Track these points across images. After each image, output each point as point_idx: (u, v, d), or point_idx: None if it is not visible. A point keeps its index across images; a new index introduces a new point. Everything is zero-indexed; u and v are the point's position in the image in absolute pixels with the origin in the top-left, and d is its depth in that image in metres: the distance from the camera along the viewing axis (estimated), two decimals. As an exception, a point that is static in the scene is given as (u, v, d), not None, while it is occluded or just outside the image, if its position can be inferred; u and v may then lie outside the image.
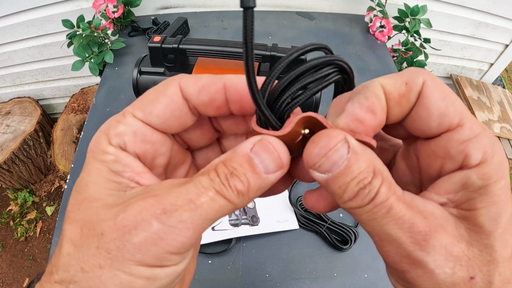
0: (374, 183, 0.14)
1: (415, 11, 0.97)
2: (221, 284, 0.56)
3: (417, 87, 0.15)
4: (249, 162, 0.14)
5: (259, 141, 0.15)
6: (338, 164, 0.14)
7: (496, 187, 0.14)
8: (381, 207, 0.14)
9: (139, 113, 0.16)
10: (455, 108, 0.14)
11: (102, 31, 0.87)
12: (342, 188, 0.14)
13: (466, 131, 0.14)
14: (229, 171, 0.14)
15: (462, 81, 1.45)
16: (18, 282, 1.36)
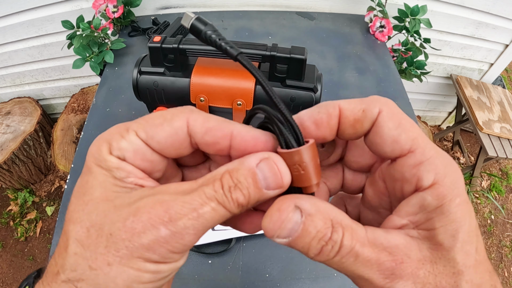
0: (334, 237, 0.15)
1: (415, 11, 0.97)
2: (221, 284, 0.56)
3: (372, 115, 0.17)
4: (254, 176, 0.16)
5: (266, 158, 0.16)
6: (295, 229, 0.15)
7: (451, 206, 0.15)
8: (348, 256, 0.15)
9: (142, 133, 0.17)
10: (407, 135, 0.16)
11: (102, 31, 0.87)
12: (306, 247, 0.15)
13: (417, 156, 0.16)
14: (234, 183, 0.15)
15: (462, 81, 1.45)
16: (18, 282, 1.36)
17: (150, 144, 0.17)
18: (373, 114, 0.17)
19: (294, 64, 0.48)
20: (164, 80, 0.52)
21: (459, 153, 1.82)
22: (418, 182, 0.16)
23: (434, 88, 1.58)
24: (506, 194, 1.73)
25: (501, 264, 1.51)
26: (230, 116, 0.56)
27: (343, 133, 0.18)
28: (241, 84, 0.51)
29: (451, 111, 1.76)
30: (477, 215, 1.64)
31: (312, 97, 0.51)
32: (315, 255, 0.15)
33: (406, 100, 0.84)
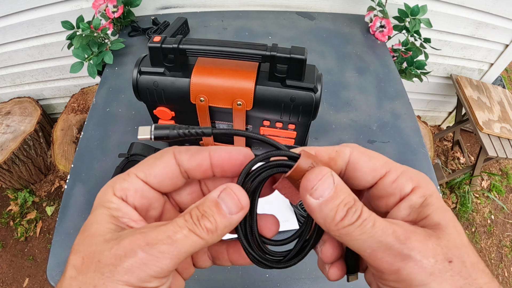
0: (357, 204, 0.18)
1: (415, 11, 0.97)
2: (221, 284, 0.56)
3: (344, 155, 0.21)
4: (217, 205, 0.19)
5: (224, 189, 0.19)
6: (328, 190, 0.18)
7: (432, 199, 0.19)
8: (368, 221, 0.18)
9: (141, 173, 0.20)
10: (380, 162, 0.20)
11: (102, 31, 0.87)
12: (334, 210, 0.18)
13: (393, 174, 0.20)
14: (201, 214, 0.18)
15: (462, 81, 1.45)
16: (18, 282, 1.36)
17: (148, 181, 0.20)
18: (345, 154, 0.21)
19: (294, 64, 0.48)
20: (164, 80, 0.52)
21: (459, 153, 1.82)
22: (401, 191, 0.20)
23: (434, 88, 1.58)
24: (506, 194, 1.73)
25: (501, 264, 1.51)
26: (230, 116, 0.56)
27: None
28: (241, 84, 0.51)
29: (451, 111, 1.76)
30: (477, 215, 1.64)
31: (312, 97, 0.51)
32: (341, 218, 0.18)
33: (406, 100, 0.84)
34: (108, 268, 0.17)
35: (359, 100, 0.83)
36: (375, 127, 0.78)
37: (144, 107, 0.58)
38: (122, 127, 0.75)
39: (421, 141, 0.76)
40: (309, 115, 0.53)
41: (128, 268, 0.17)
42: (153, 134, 0.20)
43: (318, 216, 0.19)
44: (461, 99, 1.43)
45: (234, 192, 0.19)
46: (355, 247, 0.19)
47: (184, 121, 0.60)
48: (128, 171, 0.20)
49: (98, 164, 0.69)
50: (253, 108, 0.53)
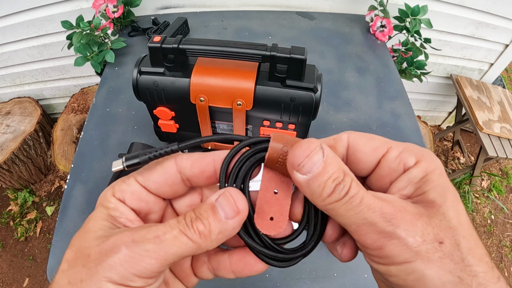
0: (346, 180, 0.18)
1: (416, 11, 0.97)
2: (221, 284, 0.56)
3: (342, 140, 0.20)
4: (213, 209, 0.18)
5: (223, 193, 0.18)
6: (317, 165, 0.17)
7: (434, 174, 0.18)
8: (355, 198, 0.17)
9: (140, 178, 0.20)
10: (380, 141, 0.20)
11: (102, 31, 0.87)
12: (321, 186, 0.18)
13: (395, 150, 0.19)
14: (195, 216, 0.18)
15: (462, 81, 1.45)
16: (18, 282, 1.36)
17: (146, 186, 0.20)
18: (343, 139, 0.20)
19: (294, 64, 0.48)
20: (164, 80, 0.52)
21: (459, 153, 1.82)
22: (405, 165, 0.19)
23: (434, 88, 1.58)
24: (506, 194, 1.73)
25: (501, 264, 1.51)
26: (230, 116, 0.56)
27: None
28: (241, 84, 0.51)
29: (451, 111, 1.76)
30: (477, 215, 1.64)
31: (312, 97, 0.51)
32: (328, 194, 0.18)
33: (406, 100, 0.84)
34: (94, 263, 0.17)
35: (359, 100, 0.83)
36: (375, 127, 0.78)
37: (144, 107, 0.58)
38: (122, 127, 0.75)
39: (421, 141, 0.76)
40: (309, 115, 0.53)
41: (111, 264, 0.16)
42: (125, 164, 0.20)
43: (305, 191, 0.18)
44: (461, 99, 1.43)
45: (232, 195, 0.18)
46: (341, 222, 0.18)
47: (184, 121, 0.60)
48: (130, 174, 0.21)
49: (98, 164, 0.69)
50: (253, 108, 0.53)
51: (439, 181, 0.18)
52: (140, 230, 0.17)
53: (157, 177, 0.20)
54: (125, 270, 0.16)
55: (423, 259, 0.16)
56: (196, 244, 0.17)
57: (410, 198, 0.19)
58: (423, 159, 0.19)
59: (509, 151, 1.33)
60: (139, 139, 0.72)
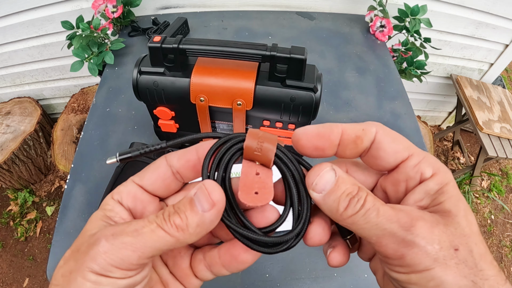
0: (360, 194, 0.19)
1: (415, 11, 0.97)
2: (221, 284, 0.56)
3: (370, 133, 0.21)
4: (191, 202, 0.19)
5: (199, 186, 0.19)
6: (329, 184, 0.19)
7: (449, 187, 0.19)
8: (372, 210, 0.18)
9: (136, 178, 0.22)
10: (403, 145, 0.20)
11: (102, 31, 0.87)
12: (336, 201, 0.19)
13: (415, 158, 0.20)
14: (174, 210, 0.19)
15: (462, 81, 1.45)
16: (18, 282, 1.36)
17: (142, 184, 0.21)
18: (372, 133, 0.21)
19: (294, 64, 0.48)
20: (164, 80, 0.52)
21: (459, 153, 1.82)
22: (422, 175, 0.20)
23: (434, 88, 1.58)
24: (506, 194, 1.73)
25: (501, 264, 1.51)
26: (230, 116, 0.56)
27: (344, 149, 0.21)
28: (241, 84, 0.51)
29: (451, 111, 1.76)
30: (477, 215, 1.64)
31: (312, 97, 0.51)
32: (344, 208, 0.19)
33: (406, 100, 0.84)
34: (81, 256, 0.18)
35: (359, 100, 0.83)
36: (375, 127, 0.78)
37: (144, 107, 0.58)
38: (122, 127, 0.75)
39: (421, 141, 0.76)
40: (309, 115, 0.53)
41: (92, 256, 0.18)
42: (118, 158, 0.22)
43: (324, 208, 0.20)
44: (461, 99, 1.43)
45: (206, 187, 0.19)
46: (362, 235, 0.19)
47: (184, 121, 0.60)
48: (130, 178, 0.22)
49: (98, 164, 0.69)
50: (253, 108, 0.53)
51: (453, 193, 0.19)
52: (122, 225, 0.19)
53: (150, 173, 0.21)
54: (104, 261, 0.17)
55: (441, 266, 0.17)
56: (174, 237, 0.18)
57: (427, 208, 0.19)
58: (439, 172, 0.20)
59: (509, 151, 1.33)
60: (139, 139, 0.72)
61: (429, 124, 1.88)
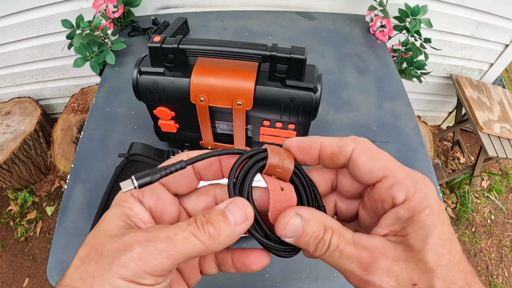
0: (325, 237, 0.20)
1: (416, 11, 0.97)
2: (221, 284, 0.56)
3: (346, 152, 0.21)
4: (223, 214, 0.20)
5: (232, 201, 0.20)
6: (297, 231, 0.20)
7: (421, 216, 0.19)
8: (335, 252, 0.20)
9: None
10: (379, 165, 0.20)
11: (102, 31, 0.87)
12: (306, 245, 0.21)
13: (389, 180, 0.20)
14: (206, 220, 0.19)
15: (462, 81, 1.45)
16: (18, 282, 1.36)
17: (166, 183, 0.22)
18: (347, 151, 0.21)
19: (294, 64, 0.48)
20: (164, 80, 0.52)
21: (459, 153, 1.82)
22: (393, 200, 0.20)
23: (434, 88, 1.58)
24: (506, 194, 1.73)
25: (501, 264, 1.51)
26: (230, 116, 0.56)
27: (324, 162, 0.23)
28: (241, 84, 0.51)
29: (451, 111, 1.76)
30: (477, 215, 1.64)
31: (312, 97, 0.51)
32: (313, 251, 0.20)
33: (406, 100, 0.84)
34: (108, 260, 0.17)
35: (359, 100, 0.83)
36: (375, 127, 0.78)
37: (144, 107, 0.58)
38: (122, 127, 0.75)
39: (421, 141, 0.76)
40: (309, 115, 0.53)
41: (124, 261, 0.17)
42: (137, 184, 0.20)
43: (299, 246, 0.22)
44: (461, 99, 1.43)
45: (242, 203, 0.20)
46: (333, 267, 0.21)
47: (184, 121, 0.60)
48: None
49: (98, 164, 0.69)
50: (253, 108, 0.53)
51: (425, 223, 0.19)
52: (153, 231, 0.19)
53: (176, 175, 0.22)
54: (138, 267, 0.17)
55: None
56: (205, 245, 0.19)
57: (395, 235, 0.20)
58: (412, 198, 0.19)
59: (509, 151, 1.33)
60: (139, 139, 0.72)
61: (429, 124, 1.88)
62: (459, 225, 1.60)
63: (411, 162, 0.72)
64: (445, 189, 1.67)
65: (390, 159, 0.21)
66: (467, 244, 1.55)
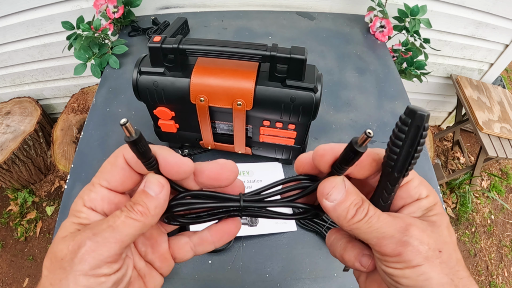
0: (364, 204, 0.23)
1: (415, 11, 0.97)
2: (221, 284, 0.56)
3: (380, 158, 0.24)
4: (143, 192, 0.22)
5: (147, 180, 0.23)
6: (341, 194, 0.23)
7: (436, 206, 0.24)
8: (374, 217, 0.22)
9: (103, 182, 0.23)
10: None
11: (103, 32, 0.87)
12: (345, 210, 0.23)
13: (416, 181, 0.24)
14: (133, 203, 0.22)
15: (462, 81, 1.45)
16: (18, 282, 1.36)
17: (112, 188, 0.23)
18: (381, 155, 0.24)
19: (294, 64, 0.48)
20: (164, 80, 0.52)
21: (459, 153, 1.82)
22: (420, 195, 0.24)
23: (434, 88, 1.58)
24: (506, 194, 1.73)
25: (501, 264, 1.51)
26: (230, 116, 0.56)
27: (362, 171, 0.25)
28: (241, 84, 0.51)
29: (451, 111, 1.76)
30: (477, 215, 1.64)
31: (312, 97, 0.51)
32: (351, 216, 0.22)
33: (406, 100, 0.84)
34: (68, 263, 0.20)
35: (359, 100, 0.83)
36: (375, 127, 0.78)
37: (144, 107, 0.58)
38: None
39: (421, 141, 0.76)
40: (309, 115, 0.53)
41: (81, 257, 0.19)
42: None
43: (333, 215, 0.23)
44: (461, 99, 1.43)
45: (153, 177, 0.23)
46: (364, 238, 0.23)
47: (184, 121, 0.60)
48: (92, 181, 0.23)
49: (98, 164, 0.68)
50: (253, 108, 0.53)
51: (439, 211, 0.24)
52: (96, 225, 0.21)
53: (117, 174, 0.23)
54: (93, 258, 0.20)
55: (429, 263, 0.21)
56: (141, 222, 0.21)
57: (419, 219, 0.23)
58: (431, 194, 0.24)
59: (509, 151, 1.33)
60: (139, 139, 0.72)
61: (429, 124, 1.88)
62: (459, 225, 1.60)
63: (411, 162, 0.72)
64: (445, 189, 1.67)
65: None
66: (467, 244, 1.55)
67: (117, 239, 0.20)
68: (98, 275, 0.20)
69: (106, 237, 0.20)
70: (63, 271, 0.19)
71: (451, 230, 0.23)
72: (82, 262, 0.19)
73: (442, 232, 0.22)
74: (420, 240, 0.21)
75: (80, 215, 0.22)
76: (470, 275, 0.22)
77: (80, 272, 0.19)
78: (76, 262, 0.19)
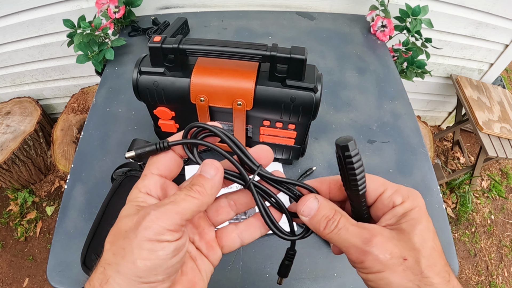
0: (335, 217, 0.26)
1: (417, 11, 0.97)
2: (221, 284, 0.56)
3: None
4: (200, 175, 0.25)
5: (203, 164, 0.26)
6: (313, 210, 0.27)
7: (412, 212, 0.25)
8: (343, 229, 0.25)
9: (154, 170, 0.26)
10: (379, 183, 0.27)
11: (103, 31, 0.87)
12: (318, 223, 0.26)
13: (389, 191, 0.26)
14: (192, 184, 0.25)
15: (462, 81, 1.45)
16: (18, 282, 1.36)
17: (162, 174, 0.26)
18: None
19: (294, 64, 0.48)
20: (164, 80, 0.52)
21: (459, 153, 1.82)
22: (393, 203, 0.26)
23: (434, 88, 1.58)
24: (506, 194, 1.73)
25: (501, 264, 1.51)
26: (230, 116, 0.56)
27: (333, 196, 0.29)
28: (241, 84, 0.51)
29: (451, 111, 1.76)
30: (477, 215, 1.64)
31: (312, 97, 0.51)
32: (323, 228, 0.26)
33: (406, 100, 0.84)
34: (132, 232, 0.22)
35: (359, 100, 0.83)
36: (375, 127, 0.78)
37: (144, 107, 0.58)
38: (122, 127, 0.75)
39: (421, 141, 0.76)
40: (309, 115, 0.53)
41: (145, 225, 0.21)
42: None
43: (310, 227, 0.27)
44: (461, 99, 1.43)
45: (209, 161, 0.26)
46: (338, 246, 0.26)
47: (184, 121, 0.60)
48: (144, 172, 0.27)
49: (98, 164, 0.69)
50: (253, 108, 0.53)
51: (414, 216, 0.25)
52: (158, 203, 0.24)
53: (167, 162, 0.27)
54: (158, 226, 0.22)
55: (390, 270, 0.23)
56: (199, 200, 0.24)
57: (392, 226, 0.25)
58: (407, 200, 0.26)
59: (509, 151, 1.33)
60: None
61: (429, 124, 1.88)
62: (459, 225, 1.60)
63: (411, 162, 0.72)
64: (445, 189, 1.67)
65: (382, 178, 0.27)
66: (467, 244, 1.55)
67: (178, 211, 0.23)
68: (161, 241, 0.22)
69: (169, 209, 0.22)
70: (127, 240, 0.21)
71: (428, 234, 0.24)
72: (147, 229, 0.21)
73: (411, 239, 0.24)
74: (383, 249, 0.23)
75: (138, 199, 0.25)
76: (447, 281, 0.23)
77: (145, 238, 0.21)
78: (140, 230, 0.21)
